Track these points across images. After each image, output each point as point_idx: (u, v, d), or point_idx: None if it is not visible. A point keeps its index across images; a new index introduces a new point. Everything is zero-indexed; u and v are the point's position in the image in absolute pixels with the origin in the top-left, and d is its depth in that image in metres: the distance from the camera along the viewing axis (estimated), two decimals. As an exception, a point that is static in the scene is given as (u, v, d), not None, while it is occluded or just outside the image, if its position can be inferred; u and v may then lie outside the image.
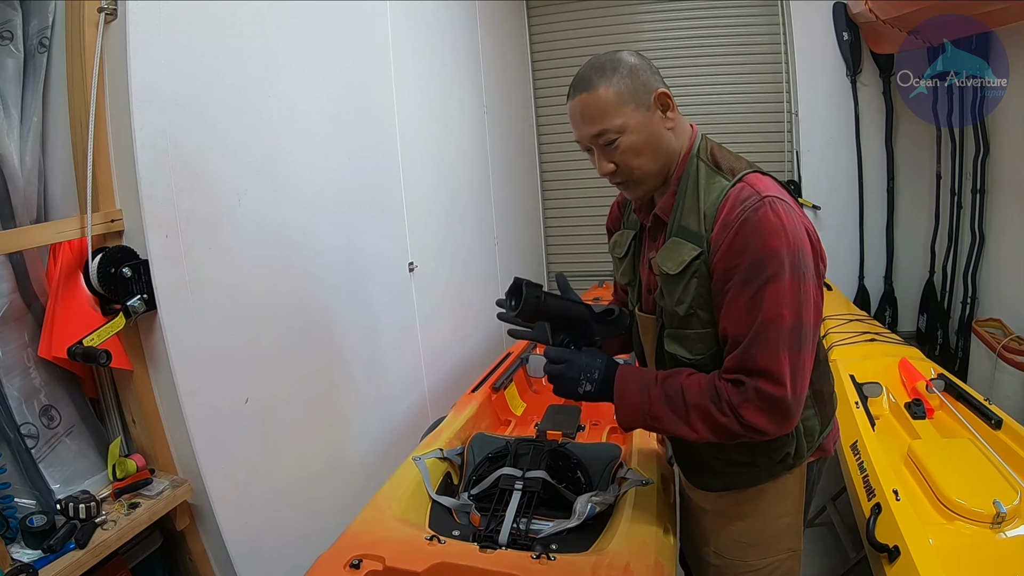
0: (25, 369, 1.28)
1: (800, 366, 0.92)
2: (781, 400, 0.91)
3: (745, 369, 0.92)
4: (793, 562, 1.16)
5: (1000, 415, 1.70)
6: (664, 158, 1.01)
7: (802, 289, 0.90)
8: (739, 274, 0.91)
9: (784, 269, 0.88)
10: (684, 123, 1.04)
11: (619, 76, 0.96)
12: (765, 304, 0.89)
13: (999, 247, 2.70)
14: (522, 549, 1.18)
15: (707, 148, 1.02)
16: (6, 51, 1.25)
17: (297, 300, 1.70)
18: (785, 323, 0.90)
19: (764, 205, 0.90)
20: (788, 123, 3.45)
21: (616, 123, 0.96)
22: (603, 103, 0.96)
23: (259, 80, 1.57)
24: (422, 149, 2.38)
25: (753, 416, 0.92)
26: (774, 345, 0.90)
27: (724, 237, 0.92)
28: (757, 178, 0.95)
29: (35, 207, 1.32)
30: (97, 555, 1.18)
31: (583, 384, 1.04)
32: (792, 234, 0.89)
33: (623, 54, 0.99)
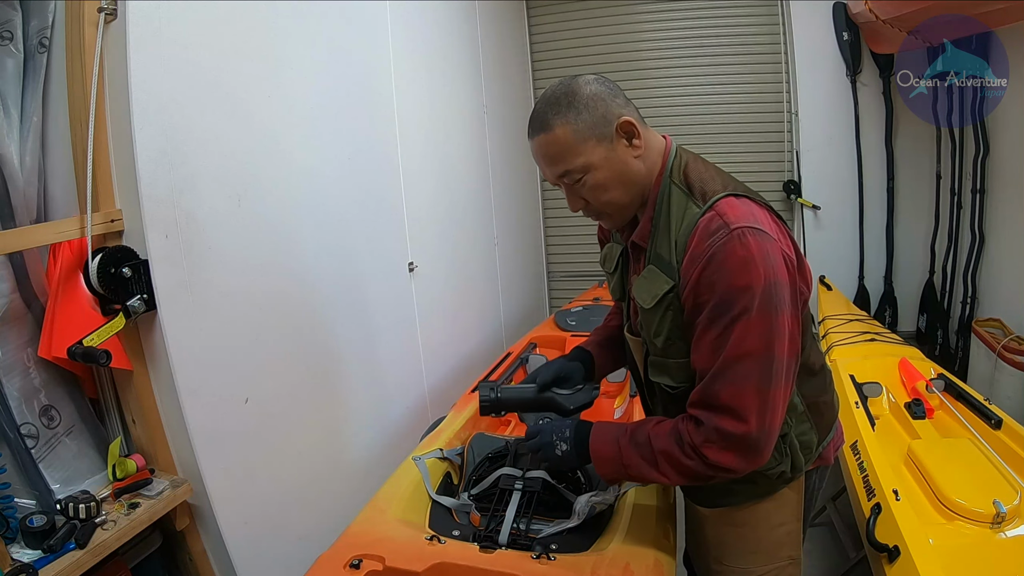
0: (25, 369, 1.28)
1: (770, 402, 0.88)
2: (744, 437, 0.88)
3: (707, 405, 0.90)
4: (794, 569, 1.15)
5: (1000, 415, 1.70)
6: (636, 188, 0.97)
7: (774, 323, 0.86)
8: (707, 310, 0.88)
9: (753, 305, 0.85)
10: (655, 141, 0.99)
11: (575, 111, 0.91)
12: (732, 340, 0.86)
13: (999, 247, 2.70)
14: (522, 549, 1.18)
15: (681, 167, 0.97)
16: (6, 51, 1.25)
17: (297, 300, 1.70)
18: (753, 359, 0.87)
19: (732, 239, 0.85)
20: (788, 123, 3.45)
21: (578, 162, 0.93)
22: (562, 143, 0.92)
23: (259, 80, 1.57)
24: (422, 149, 2.38)
25: (717, 455, 0.90)
26: (740, 382, 0.87)
27: (692, 272, 0.89)
28: (729, 204, 0.89)
29: (35, 207, 1.32)
30: (97, 555, 1.18)
31: (558, 446, 1.07)
32: (764, 267, 0.85)
33: (579, 83, 0.94)
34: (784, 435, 1.00)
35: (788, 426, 1.00)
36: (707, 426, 0.90)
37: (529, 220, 3.77)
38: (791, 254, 0.91)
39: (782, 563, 1.13)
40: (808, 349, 1.02)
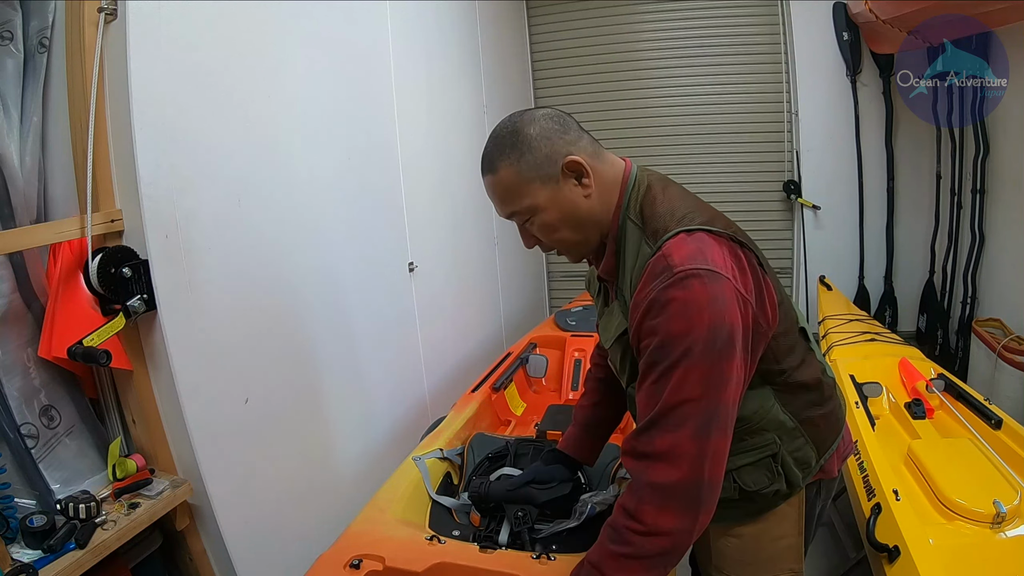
0: (25, 369, 1.28)
1: (708, 452, 0.83)
2: (677, 487, 0.82)
3: (639, 453, 0.85)
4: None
5: (1000, 415, 1.70)
6: (587, 226, 0.94)
7: (717, 369, 0.81)
8: (647, 355, 0.85)
9: (694, 351, 0.80)
10: (611, 173, 0.94)
11: (518, 152, 0.89)
12: (671, 387, 0.82)
13: (999, 247, 2.70)
14: (522, 549, 1.19)
15: (639, 199, 0.92)
16: (6, 51, 1.25)
17: (297, 300, 1.70)
18: (692, 405, 0.82)
19: (674, 284, 0.81)
20: (788, 123, 3.45)
21: (524, 204, 0.91)
22: (507, 184, 0.90)
23: (259, 80, 1.57)
24: (422, 149, 2.38)
25: (654, 517, 0.83)
26: (676, 428, 0.82)
27: (635, 316, 0.86)
28: (676, 245, 0.84)
29: (35, 207, 1.32)
30: (97, 555, 1.18)
31: None
32: (709, 311, 0.80)
33: (525, 120, 0.91)
34: (774, 455, 0.97)
35: (777, 445, 0.97)
36: (639, 483, 0.85)
37: (529, 220, 3.77)
38: (746, 293, 0.85)
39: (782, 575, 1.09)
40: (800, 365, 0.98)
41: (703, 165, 3.55)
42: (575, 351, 2.29)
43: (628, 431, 1.75)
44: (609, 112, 3.67)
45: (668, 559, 0.86)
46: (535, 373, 2.30)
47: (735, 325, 0.82)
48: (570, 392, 2.18)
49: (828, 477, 1.06)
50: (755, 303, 0.87)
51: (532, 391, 2.26)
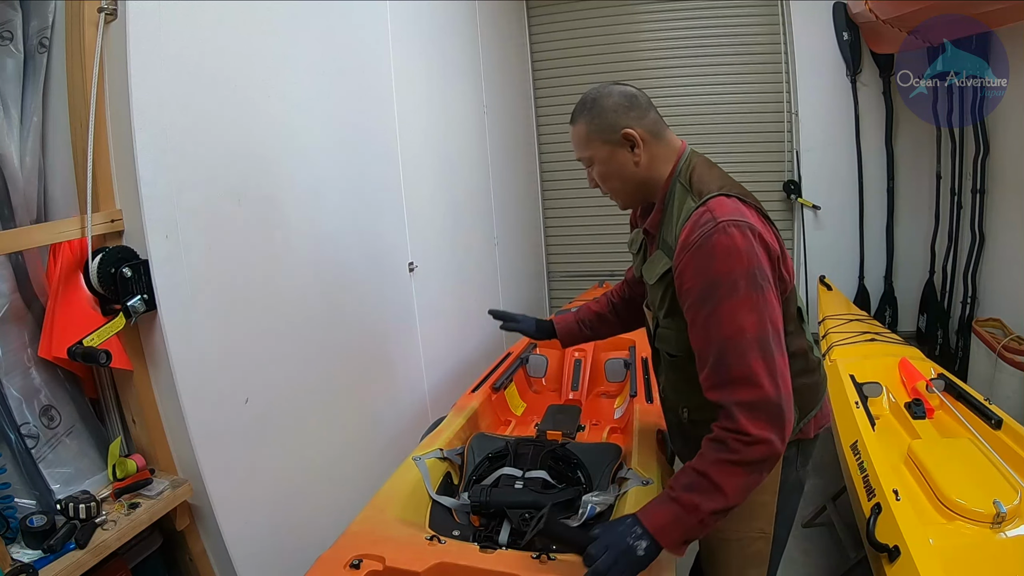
0: (25, 369, 1.28)
1: (775, 368, 0.95)
2: (765, 401, 0.94)
3: (721, 383, 0.97)
4: (763, 544, 1.18)
5: (1000, 415, 1.70)
6: (633, 185, 1.14)
7: (761, 299, 0.96)
8: (695, 294, 0.99)
9: (738, 285, 0.95)
10: (667, 149, 1.13)
11: (590, 115, 1.11)
12: (724, 321, 0.95)
13: (999, 247, 2.70)
14: (522, 549, 1.18)
15: (688, 169, 1.10)
16: (6, 51, 1.25)
17: (297, 300, 1.70)
18: (748, 334, 0.95)
19: (718, 230, 0.97)
20: (788, 123, 3.45)
21: (585, 154, 1.15)
22: (577, 136, 1.15)
23: (259, 80, 1.57)
24: (422, 149, 2.38)
25: (754, 427, 0.93)
26: (744, 355, 0.94)
27: (682, 259, 1.00)
28: (719, 202, 1.01)
29: (35, 207, 1.32)
30: (97, 555, 1.18)
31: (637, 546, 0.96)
32: (746, 254, 0.96)
33: (605, 92, 1.12)
34: None
35: None
36: (729, 406, 0.95)
37: (529, 220, 3.77)
38: (775, 246, 1.02)
39: (753, 535, 1.17)
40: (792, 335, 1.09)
41: (703, 165, 3.56)
42: (575, 351, 2.29)
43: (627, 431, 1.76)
44: (609, 112, 3.67)
45: (765, 465, 0.96)
46: (535, 373, 2.30)
47: (767, 267, 0.98)
48: (570, 392, 2.18)
49: (805, 438, 1.18)
50: (780, 257, 1.03)
51: (532, 391, 2.26)
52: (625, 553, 0.96)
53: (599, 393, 2.21)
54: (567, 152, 3.81)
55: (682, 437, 1.28)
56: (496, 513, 1.31)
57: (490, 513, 1.31)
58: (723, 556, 1.19)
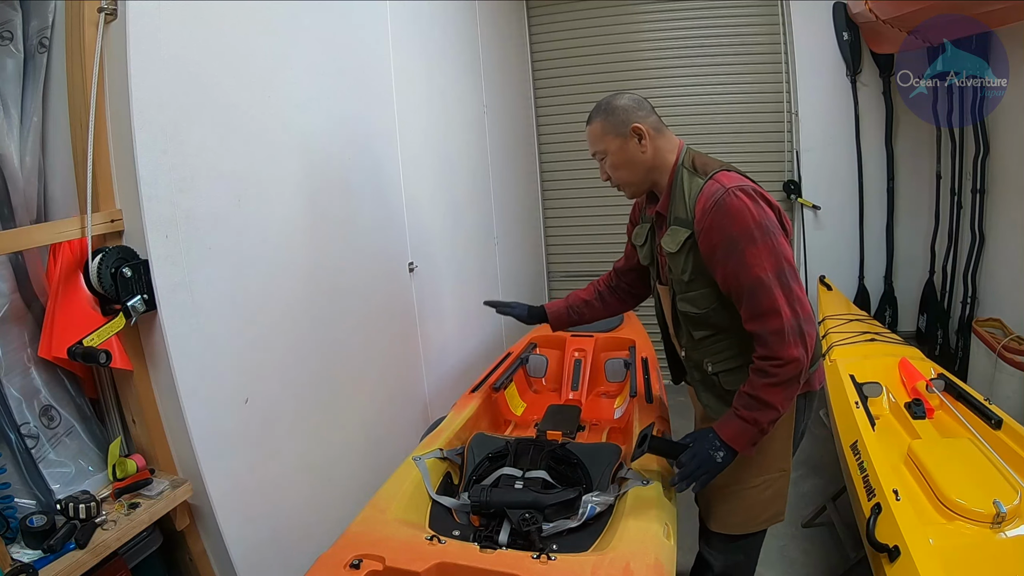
0: (25, 369, 1.28)
1: (794, 296, 1.21)
2: (784, 326, 1.19)
3: (754, 315, 1.23)
4: (783, 482, 1.42)
5: (1000, 415, 1.70)
6: (640, 172, 1.37)
7: (774, 243, 1.20)
8: (721, 248, 1.23)
9: (754, 236, 1.20)
10: (670, 142, 1.37)
11: (606, 115, 1.35)
12: (749, 263, 1.20)
13: (999, 247, 2.70)
14: (522, 549, 1.19)
15: (689, 158, 1.34)
16: (6, 51, 1.25)
17: (297, 300, 1.70)
18: (769, 272, 1.20)
19: (728, 194, 1.21)
20: (788, 123, 3.45)
21: (600, 147, 1.38)
22: (593, 133, 1.38)
23: (259, 80, 1.57)
24: (422, 149, 2.38)
25: (783, 351, 1.19)
26: (768, 290, 1.20)
27: (704, 222, 1.24)
28: (724, 175, 1.26)
29: (35, 207, 1.32)
30: (97, 555, 1.18)
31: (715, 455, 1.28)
32: (754, 210, 1.20)
33: (617, 98, 1.36)
34: None
35: None
36: (763, 336, 1.21)
37: (529, 220, 3.77)
38: (775, 203, 1.26)
39: (774, 475, 1.40)
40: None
41: (703, 165, 3.55)
42: (575, 351, 2.29)
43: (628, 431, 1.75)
44: (609, 112, 3.66)
45: (797, 380, 1.23)
46: (535, 373, 2.30)
47: (773, 219, 1.22)
48: (570, 392, 2.18)
49: (811, 390, 1.41)
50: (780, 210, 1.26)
51: (532, 391, 2.26)
52: (707, 460, 1.28)
53: (599, 393, 2.21)
54: (567, 152, 3.83)
55: (712, 392, 1.43)
56: (496, 513, 1.31)
57: (490, 513, 1.31)
58: (749, 500, 1.41)
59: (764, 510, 1.42)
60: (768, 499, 1.41)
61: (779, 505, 1.43)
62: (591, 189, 3.77)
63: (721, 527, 1.45)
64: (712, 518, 1.47)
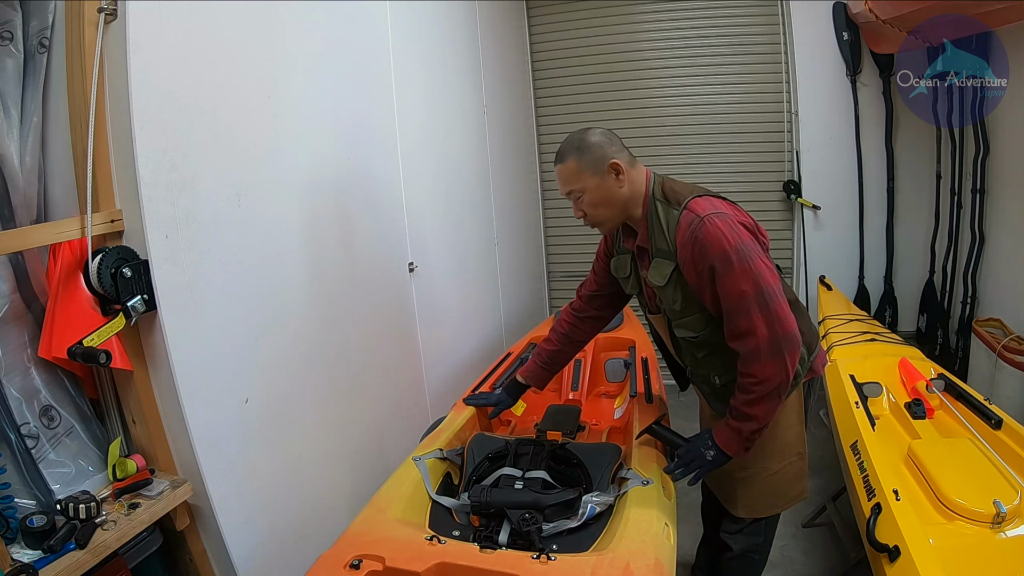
0: (25, 369, 1.28)
1: (772, 314, 1.25)
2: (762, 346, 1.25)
3: (734, 335, 1.30)
4: (802, 462, 1.51)
5: (1000, 415, 1.70)
6: (618, 207, 1.38)
7: (750, 266, 1.25)
8: (704, 275, 1.28)
9: (731, 260, 1.24)
10: (639, 173, 1.39)
11: (580, 153, 1.34)
12: (727, 287, 1.26)
13: (999, 247, 2.70)
14: (522, 549, 1.19)
15: (659, 188, 1.37)
16: (6, 51, 1.25)
17: (297, 300, 1.70)
18: (748, 293, 1.25)
19: (704, 223, 1.26)
20: (788, 123, 3.44)
21: (577, 186, 1.36)
22: (568, 172, 1.36)
23: (259, 80, 1.57)
24: (422, 149, 2.38)
25: (759, 371, 1.27)
26: (745, 311, 1.26)
27: (685, 254, 1.29)
28: (696, 202, 1.30)
29: (35, 207, 1.32)
30: (97, 555, 1.18)
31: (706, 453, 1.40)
32: (730, 236, 1.25)
33: (589, 134, 1.36)
34: None
35: None
36: (743, 354, 1.29)
37: (529, 220, 3.77)
38: (748, 222, 1.32)
39: (793, 458, 1.49)
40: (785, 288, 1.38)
41: (703, 165, 3.55)
42: (575, 351, 2.29)
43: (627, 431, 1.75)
44: (609, 112, 3.66)
45: (778, 393, 1.30)
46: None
47: (749, 240, 1.28)
48: (570, 392, 2.18)
49: (815, 376, 1.51)
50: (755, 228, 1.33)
51: (532, 391, 2.25)
52: (699, 456, 1.40)
53: (599, 393, 2.21)
54: (567, 152, 3.82)
55: (720, 400, 1.49)
56: (496, 513, 1.31)
57: (490, 513, 1.31)
58: (773, 484, 1.49)
59: (789, 490, 1.51)
60: (791, 480, 1.50)
61: (801, 485, 1.52)
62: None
63: (749, 512, 1.53)
64: (737, 505, 1.54)
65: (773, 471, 1.48)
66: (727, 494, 1.57)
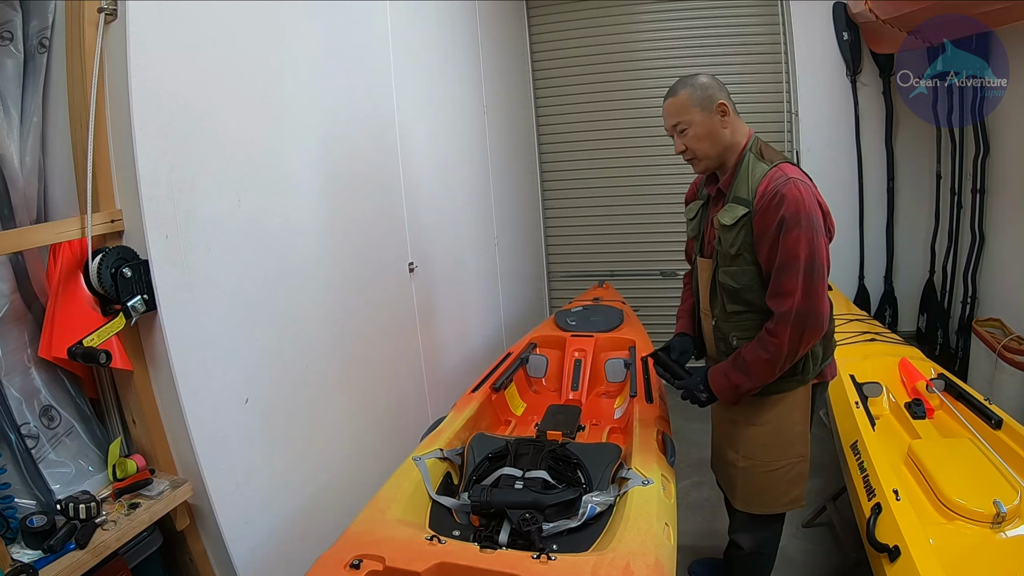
0: (25, 369, 1.28)
1: (814, 288, 1.33)
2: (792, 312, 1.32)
3: (775, 292, 1.37)
4: (803, 466, 1.53)
5: (1000, 415, 1.70)
6: (719, 147, 1.45)
7: (814, 238, 1.32)
8: (772, 229, 1.34)
9: (800, 224, 1.31)
10: (743, 127, 1.48)
11: (693, 88, 1.43)
12: (788, 245, 1.32)
13: (999, 247, 2.70)
14: (522, 549, 1.19)
15: (757, 145, 1.46)
16: (6, 51, 1.25)
17: (297, 300, 1.70)
18: (801, 259, 1.31)
19: (790, 183, 1.34)
20: (788, 123, 3.45)
21: (685, 118, 1.45)
22: (678, 104, 1.45)
23: (259, 80, 1.57)
24: (422, 148, 2.38)
25: (781, 331, 1.34)
26: (794, 272, 1.32)
27: (763, 204, 1.36)
28: (787, 166, 1.39)
29: (35, 207, 1.32)
30: (97, 555, 1.18)
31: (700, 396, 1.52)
32: (808, 203, 1.32)
33: (701, 76, 1.46)
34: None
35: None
36: (776, 313, 1.36)
37: (529, 220, 3.77)
38: (825, 205, 1.39)
39: (794, 459, 1.51)
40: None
41: (703, 165, 3.55)
42: (575, 351, 2.29)
43: (628, 431, 1.75)
44: (609, 112, 3.66)
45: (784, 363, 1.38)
46: (535, 373, 2.30)
47: (820, 216, 1.35)
48: (570, 392, 2.18)
49: (824, 380, 1.55)
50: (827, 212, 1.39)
51: (532, 391, 2.26)
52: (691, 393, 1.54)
53: (599, 393, 2.21)
54: (567, 152, 3.83)
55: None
56: (496, 513, 1.31)
57: (490, 513, 1.31)
58: (771, 482, 1.52)
59: (785, 493, 1.53)
60: (790, 481, 1.52)
61: (799, 490, 1.54)
62: (591, 189, 3.77)
63: (744, 505, 1.57)
64: (736, 497, 1.58)
65: (773, 467, 1.51)
66: (729, 483, 1.61)
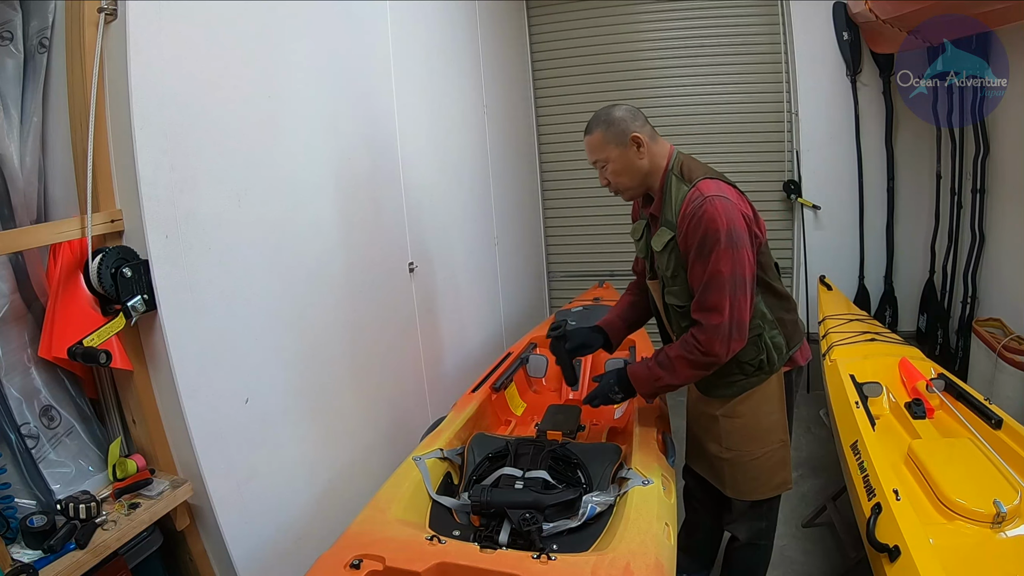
0: (25, 369, 1.28)
1: (738, 301, 1.38)
2: (720, 325, 1.38)
3: (701, 307, 1.41)
4: (784, 451, 1.57)
5: (1000, 415, 1.69)
6: (638, 177, 1.50)
7: (734, 253, 1.36)
8: (694, 249, 1.39)
9: (720, 242, 1.35)
10: (662, 149, 1.51)
11: (607, 126, 1.47)
12: (710, 265, 1.37)
13: (999, 247, 2.70)
14: (522, 549, 1.19)
15: (679, 164, 1.48)
16: (6, 51, 1.25)
17: (297, 300, 1.70)
18: (724, 275, 1.36)
19: (706, 202, 1.36)
20: (788, 123, 3.45)
21: (601, 156, 1.50)
22: (594, 143, 1.50)
23: (259, 80, 1.57)
24: (422, 149, 2.38)
25: (708, 344, 1.40)
26: (720, 289, 1.37)
27: (683, 226, 1.40)
28: (705, 183, 1.40)
29: (35, 207, 1.32)
30: (97, 555, 1.18)
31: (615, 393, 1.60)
32: (725, 219, 1.35)
33: (614, 109, 1.49)
34: (759, 335, 1.49)
35: (762, 328, 1.49)
36: (701, 323, 1.41)
37: (529, 220, 3.77)
38: (748, 212, 1.43)
39: (775, 445, 1.56)
40: (772, 280, 1.52)
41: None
42: (575, 351, 2.28)
43: (628, 431, 1.75)
44: (609, 112, 3.67)
45: (705, 370, 1.46)
46: (535, 373, 2.30)
47: (742, 229, 1.38)
48: (570, 392, 2.18)
49: (796, 366, 1.59)
50: (753, 220, 1.44)
51: (532, 391, 2.26)
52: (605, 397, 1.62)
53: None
54: (567, 152, 3.83)
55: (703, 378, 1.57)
56: (496, 513, 1.31)
57: (490, 513, 1.31)
58: (756, 469, 1.56)
59: (771, 478, 1.57)
60: (773, 467, 1.56)
61: (784, 473, 1.58)
62: (591, 189, 3.77)
63: (735, 492, 1.61)
64: (726, 485, 1.62)
65: (756, 456, 1.55)
66: (717, 475, 1.64)
